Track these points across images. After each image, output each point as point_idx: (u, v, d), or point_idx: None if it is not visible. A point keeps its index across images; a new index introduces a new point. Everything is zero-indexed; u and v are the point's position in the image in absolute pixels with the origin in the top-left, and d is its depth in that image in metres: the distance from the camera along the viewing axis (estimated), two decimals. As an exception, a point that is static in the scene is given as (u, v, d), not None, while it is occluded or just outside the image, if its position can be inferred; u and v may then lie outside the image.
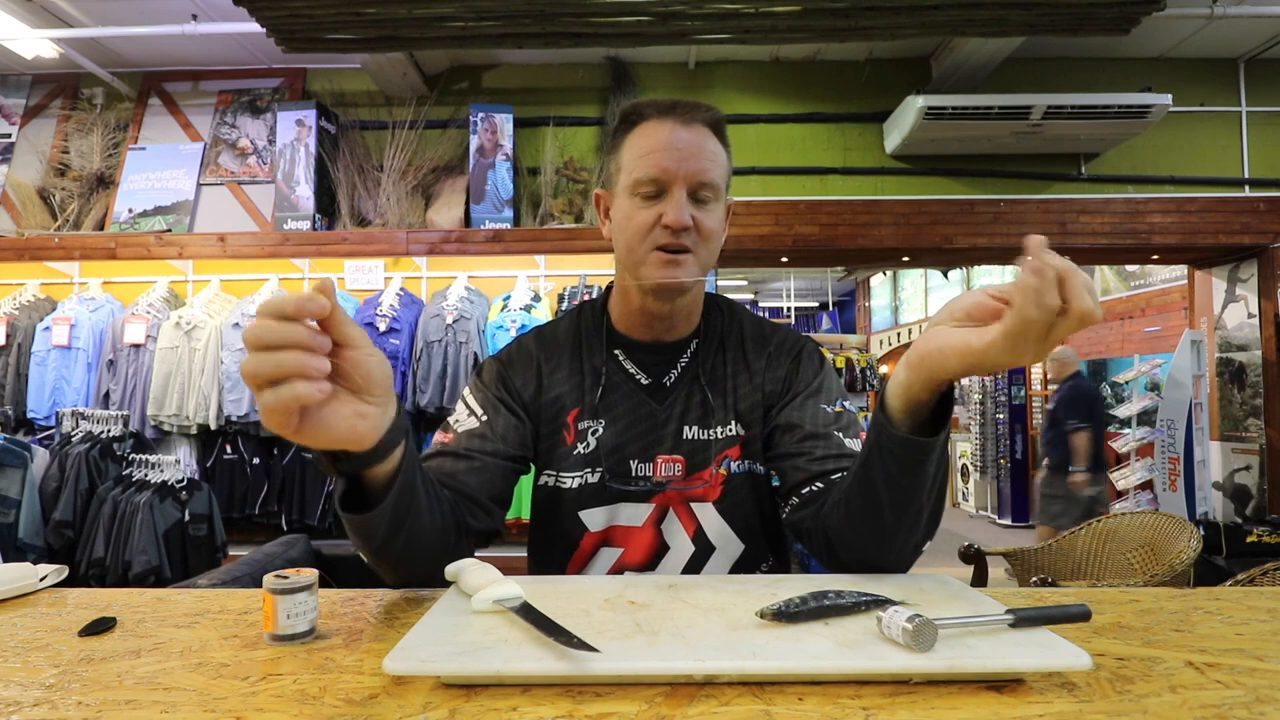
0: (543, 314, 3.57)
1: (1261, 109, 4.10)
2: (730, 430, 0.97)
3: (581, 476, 0.96)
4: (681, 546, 0.95)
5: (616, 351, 1.00)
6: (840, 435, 0.91)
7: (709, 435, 0.96)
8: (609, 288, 1.04)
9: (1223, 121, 4.11)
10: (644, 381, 0.99)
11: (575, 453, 0.96)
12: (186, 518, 2.96)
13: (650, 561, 0.95)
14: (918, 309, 10.67)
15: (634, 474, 0.95)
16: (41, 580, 0.93)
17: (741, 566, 0.96)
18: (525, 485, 0.99)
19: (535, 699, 0.57)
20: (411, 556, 0.78)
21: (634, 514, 0.95)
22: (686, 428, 0.96)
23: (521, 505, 3.19)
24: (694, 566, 0.95)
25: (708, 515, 0.95)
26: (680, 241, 0.89)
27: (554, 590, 0.79)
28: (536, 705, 0.56)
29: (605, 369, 0.98)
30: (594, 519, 0.95)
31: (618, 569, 0.95)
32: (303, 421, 0.56)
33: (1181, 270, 5.11)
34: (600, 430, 0.96)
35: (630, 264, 0.93)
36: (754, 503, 0.97)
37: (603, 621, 0.68)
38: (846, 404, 0.95)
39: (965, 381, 7.84)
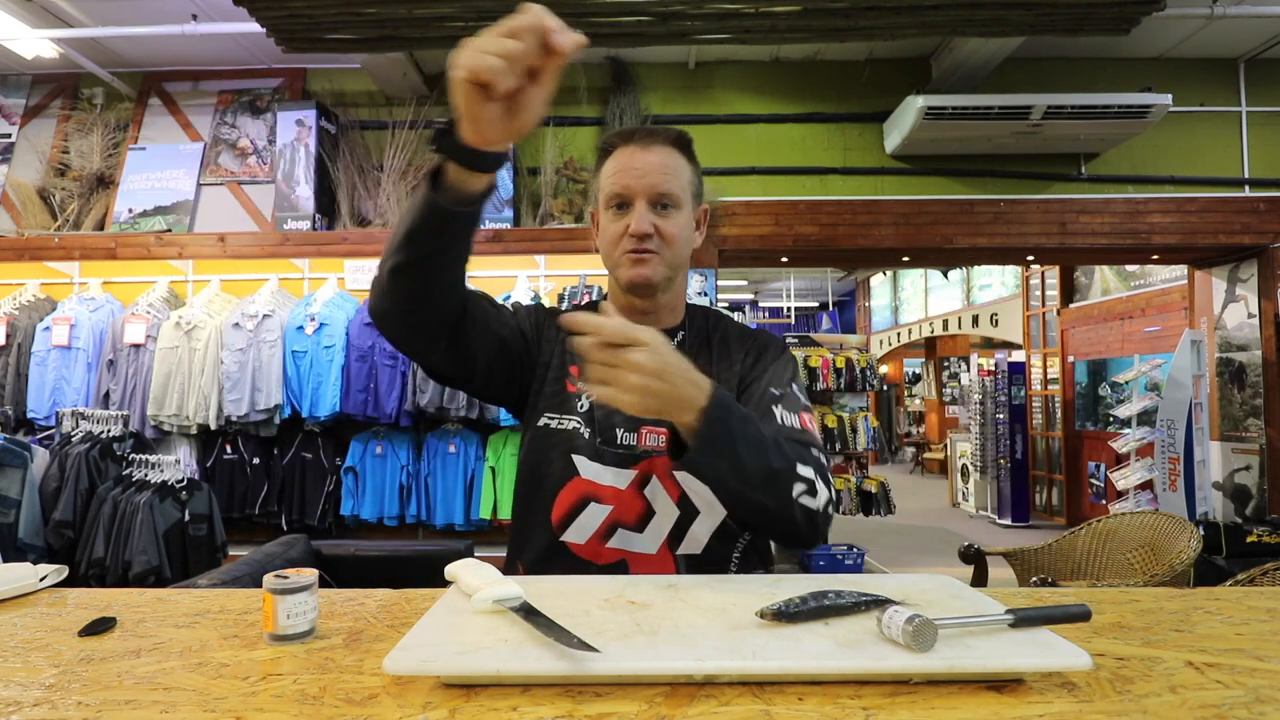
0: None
1: (1261, 109, 4.10)
2: None
3: (579, 426, 1.05)
4: (667, 510, 1.02)
5: None
6: (777, 410, 1.01)
7: None
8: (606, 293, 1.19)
9: (1223, 121, 4.11)
10: None
11: (574, 403, 1.07)
12: (186, 518, 2.95)
13: (639, 524, 1.02)
14: (918, 309, 10.68)
15: (619, 440, 1.04)
16: (41, 580, 0.93)
17: (725, 530, 1.03)
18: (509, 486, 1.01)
19: (535, 699, 0.57)
20: (421, 290, 0.89)
21: (619, 477, 1.03)
22: None
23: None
24: (680, 529, 1.02)
25: (691, 482, 1.02)
26: (645, 246, 1.03)
27: (554, 590, 0.79)
28: (536, 705, 0.56)
29: None
30: (586, 467, 1.03)
31: (609, 525, 1.02)
32: (471, 99, 0.72)
33: (1181, 270, 5.11)
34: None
35: (610, 267, 1.09)
36: None
37: (603, 621, 0.69)
38: (796, 387, 1.06)
39: (965, 381, 7.84)
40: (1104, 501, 5.93)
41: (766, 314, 13.89)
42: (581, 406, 1.06)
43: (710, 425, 0.82)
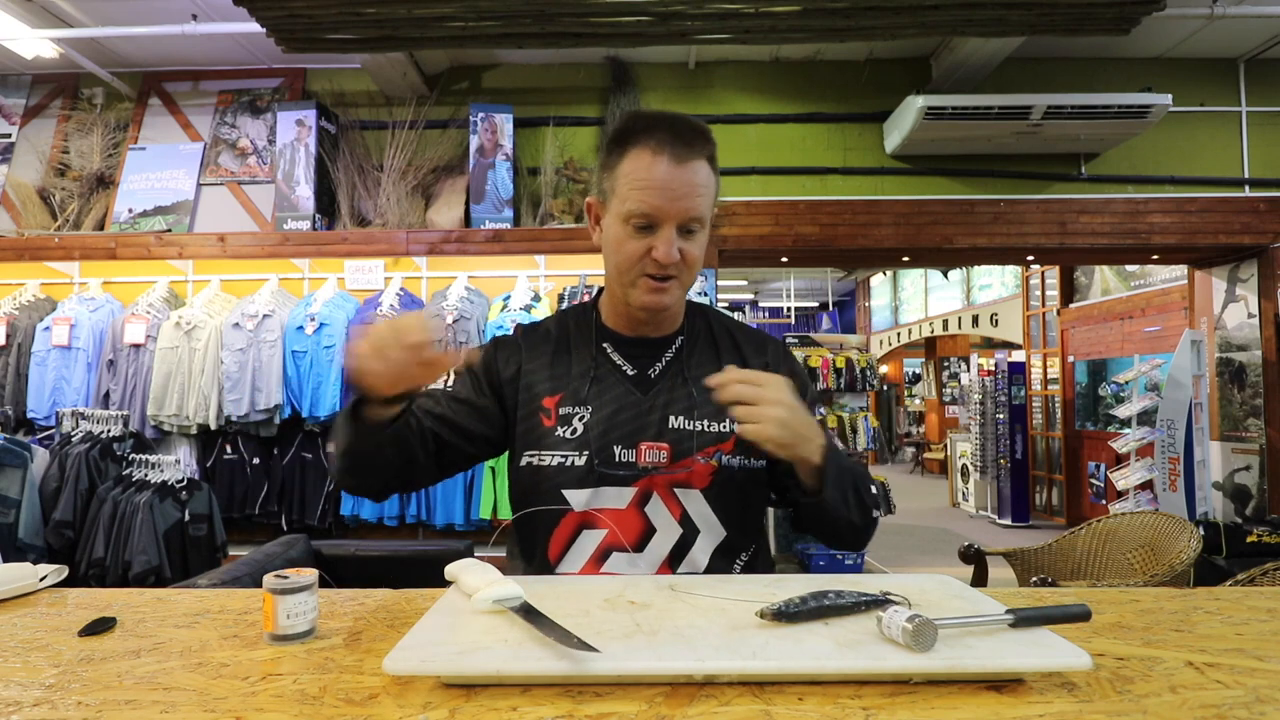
0: (543, 314, 3.57)
1: (1261, 109, 4.10)
2: (723, 426, 1.01)
3: (565, 458, 1.00)
4: (668, 529, 0.99)
5: (605, 345, 1.07)
6: None
7: (694, 426, 1.01)
8: (599, 291, 1.13)
9: (1223, 121, 4.10)
10: (630, 373, 1.05)
11: (557, 434, 1.01)
12: (186, 518, 2.95)
13: (639, 543, 0.98)
14: (918, 309, 10.68)
15: (617, 459, 0.99)
16: (41, 580, 0.93)
17: (724, 551, 1.00)
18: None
19: (535, 699, 0.57)
20: (359, 474, 0.99)
21: (617, 497, 0.99)
22: (672, 417, 1.02)
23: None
24: (681, 548, 0.98)
25: (694, 501, 0.99)
26: (668, 273, 0.97)
27: (554, 590, 0.79)
28: (536, 705, 0.56)
29: (594, 360, 1.05)
30: (577, 498, 0.99)
31: (604, 550, 0.98)
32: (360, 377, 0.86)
33: (1181, 270, 5.11)
34: (587, 416, 1.01)
35: (620, 284, 1.01)
36: (741, 495, 1.02)
37: (603, 621, 0.69)
38: (821, 410, 1.06)
39: (965, 381, 7.83)
40: (1104, 501, 5.93)
41: (766, 314, 13.89)
42: (573, 432, 1.00)
43: (832, 459, 0.91)
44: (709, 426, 1.01)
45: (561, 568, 0.99)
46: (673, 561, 0.98)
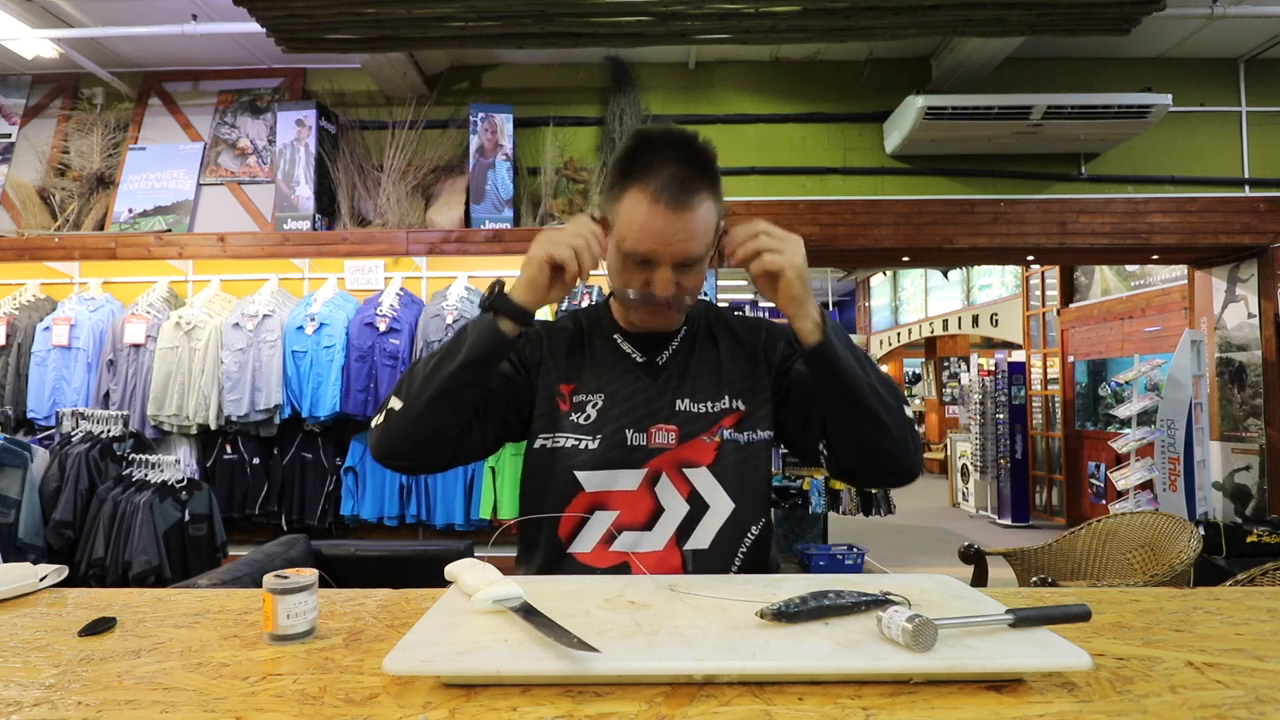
0: (542, 313, 3.57)
1: (1261, 109, 4.10)
2: (724, 404, 1.08)
3: (579, 441, 1.05)
4: (676, 507, 1.03)
5: (615, 336, 1.13)
6: None
7: (700, 408, 1.07)
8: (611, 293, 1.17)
9: (1223, 121, 4.10)
10: (639, 360, 1.11)
11: (571, 419, 1.06)
12: (186, 518, 2.95)
13: (648, 522, 1.02)
14: (918, 309, 10.67)
15: (629, 442, 1.04)
16: (41, 580, 0.93)
17: (733, 524, 1.04)
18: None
19: (535, 699, 0.57)
20: (436, 419, 0.98)
21: (629, 479, 1.03)
22: (679, 401, 1.07)
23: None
24: (689, 524, 1.03)
25: (701, 477, 1.04)
26: (664, 301, 1.02)
27: (554, 590, 0.79)
28: (536, 705, 0.56)
29: (607, 350, 1.12)
30: (589, 480, 1.03)
31: (614, 531, 1.02)
32: (541, 273, 1.01)
33: (1181, 270, 5.11)
34: (600, 403, 1.07)
35: (623, 304, 1.09)
36: (744, 465, 1.07)
37: (603, 621, 0.69)
38: None
39: (965, 381, 7.83)
40: (1104, 501, 5.93)
41: (766, 314, 13.88)
42: (587, 418, 1.05)
43: (831, 323, 0.97)
44: (713, 407, 1.07)
45: (574, 548, 1.03)
46: (681, 537, 1.02)
